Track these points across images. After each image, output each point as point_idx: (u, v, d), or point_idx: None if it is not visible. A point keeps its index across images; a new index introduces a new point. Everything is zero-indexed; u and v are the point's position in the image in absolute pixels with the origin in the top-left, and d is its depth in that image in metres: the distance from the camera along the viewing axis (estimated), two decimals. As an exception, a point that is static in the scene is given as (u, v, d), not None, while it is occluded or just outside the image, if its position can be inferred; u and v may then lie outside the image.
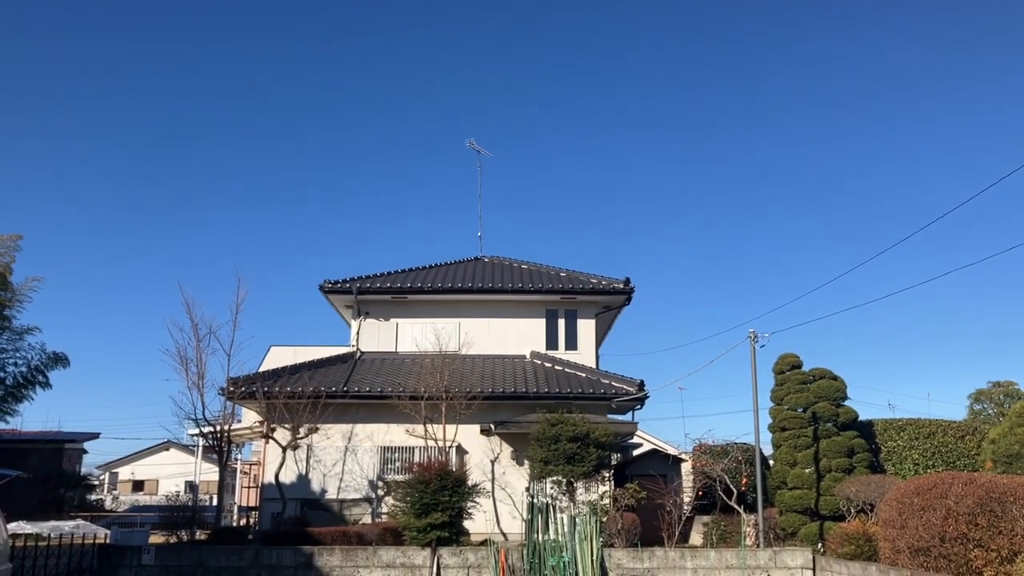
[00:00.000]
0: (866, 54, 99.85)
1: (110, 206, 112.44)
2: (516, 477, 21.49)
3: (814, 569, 16.01)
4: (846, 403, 19.46)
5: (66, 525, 22.69)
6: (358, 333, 25.01)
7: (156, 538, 19.76)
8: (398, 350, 24.74)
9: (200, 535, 19.87)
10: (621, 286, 24.75)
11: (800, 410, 19.38)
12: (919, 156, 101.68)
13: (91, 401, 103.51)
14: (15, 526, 20.30)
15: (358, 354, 24.60)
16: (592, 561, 15.48)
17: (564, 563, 15.53)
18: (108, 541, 19.50)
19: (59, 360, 22.86)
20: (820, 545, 17.31)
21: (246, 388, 20.47)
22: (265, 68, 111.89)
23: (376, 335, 25.03)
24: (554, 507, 17.16)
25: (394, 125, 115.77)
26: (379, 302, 25.10)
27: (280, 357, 24.24)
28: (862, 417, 20.12)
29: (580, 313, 25.35)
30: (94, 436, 36.42)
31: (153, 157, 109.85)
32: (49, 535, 20.48)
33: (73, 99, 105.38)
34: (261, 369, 23.13)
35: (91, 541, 20.57)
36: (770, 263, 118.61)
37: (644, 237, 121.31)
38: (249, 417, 23.98)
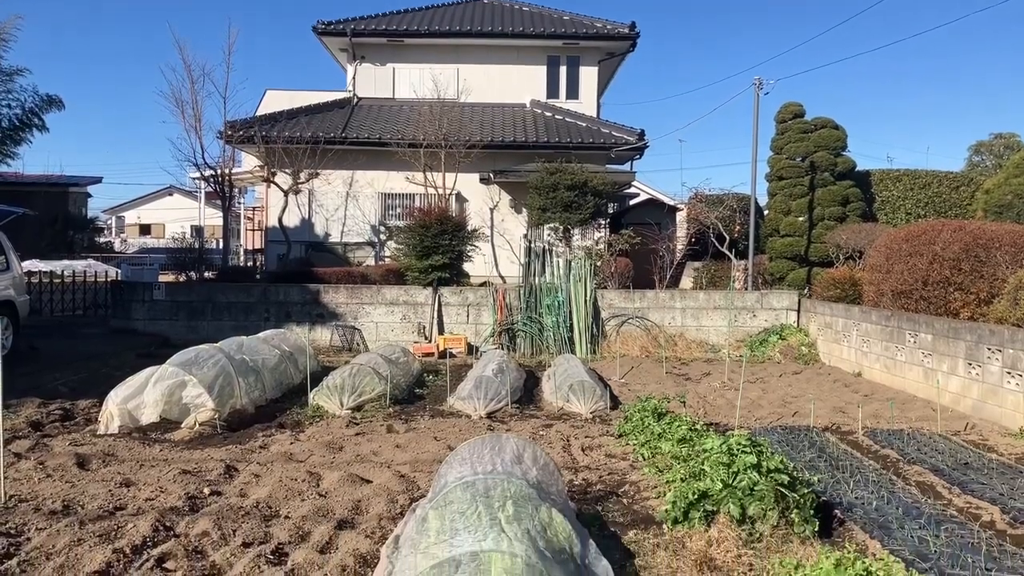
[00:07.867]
0: None
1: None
2: (514, 224, 21.90)
3: (799, 311, 16.63)
4: (845, 153, 19.34)
5: (78, 264, 23.45)
6: (354, 79, 24.44)
7: (165, 277, 20.47)
8: (395, 96, 24.33)
9: (208, 275, 20.56)
10: (626, 31, 23.85)
11: (799, 159, 19.31)
12: None
13: (92, 146, 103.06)
14: (29, 264, 20.98)
15: (355, 100, 24.18)
16: (585, 301, 16.12)
17: (559, 302, 16.18)
18: (119, 279, 20.24)
19: (53, 103, 22.45)
20: (807, 289, 17.86)
21: (244, 132, 20.28)
22: None
23: (373, 81, 24.47)
24: (551, 252, 17.54)
25: None
26: (375, 45, 24.30)
27: (276, 101, 23.91)
28: (860, 168, 20.11)
29: (583, 60, 24.63)
30: (97, 180, 36.89)
31: None
32: (63, 273, 21.24)
33: None
34: (258, 113, 22.86)
35: (103, 279, 21.41)
36: (777, 11, 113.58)
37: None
38: (249, 162, 24.04)
